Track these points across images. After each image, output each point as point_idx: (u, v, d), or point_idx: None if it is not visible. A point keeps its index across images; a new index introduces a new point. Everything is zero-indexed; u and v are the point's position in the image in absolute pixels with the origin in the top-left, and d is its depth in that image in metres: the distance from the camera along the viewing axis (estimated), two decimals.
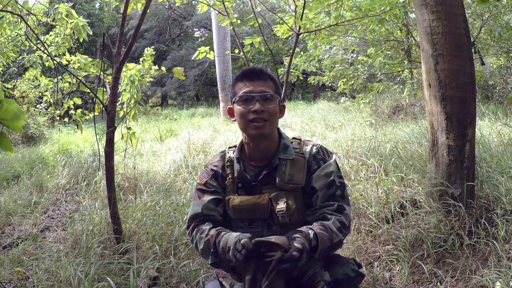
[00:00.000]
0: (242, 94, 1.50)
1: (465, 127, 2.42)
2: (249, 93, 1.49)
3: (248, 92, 1.49)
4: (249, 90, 1.50)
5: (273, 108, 1.50)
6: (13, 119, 1.29)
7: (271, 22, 12.34)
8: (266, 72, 1.56)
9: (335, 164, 1.56)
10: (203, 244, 1.49)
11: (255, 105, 1.47)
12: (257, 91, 1.49)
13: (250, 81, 1.51)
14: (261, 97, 1.48)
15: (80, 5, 17.77)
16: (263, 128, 1.48)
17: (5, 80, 12.07)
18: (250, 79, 1.52)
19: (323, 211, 1.47)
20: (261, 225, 1.52)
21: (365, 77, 8.31)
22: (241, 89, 1.52)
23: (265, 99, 1.49)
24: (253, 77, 1.52)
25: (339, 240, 1.43)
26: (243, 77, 1.54)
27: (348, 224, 1.48)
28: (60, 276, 2.29)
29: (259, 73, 1.53)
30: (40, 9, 6.03)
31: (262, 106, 1.47)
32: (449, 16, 2.41)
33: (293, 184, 1.50)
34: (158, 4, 18.88)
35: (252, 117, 1.47)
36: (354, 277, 1.42)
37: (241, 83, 1.53)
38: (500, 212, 2.32)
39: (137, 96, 3.90)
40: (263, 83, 1.51)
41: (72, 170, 5.09)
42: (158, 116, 12.52)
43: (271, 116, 1.49)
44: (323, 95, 17.46)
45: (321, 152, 1.57)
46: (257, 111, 1.47)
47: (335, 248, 1.46)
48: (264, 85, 1.51)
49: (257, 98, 1.48)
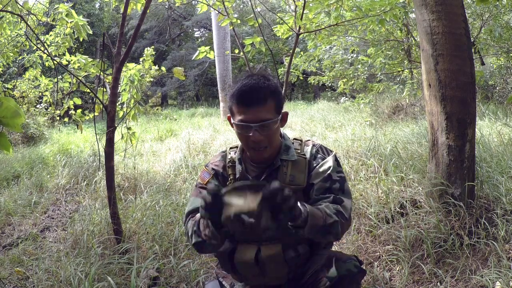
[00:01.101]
0: (239, 123, 1.42)
1: (465, 127, 2.42)
2: (246, 123, 1.41)
3: (245, 121, 1.41)
4: (246, 119, 1.40)
5: (273, 131, 1.45)
6: (12, 117, 1.30)
7: (271, 22, 12.34)
8: (264, 91, 1.41)
9: (334, 160, 1.53)
10: (190, 228, 1.46)
11: (254, 135, 1.41)
12: (253, 120, 1.40)
13: (247, 108, 1.40)
14: (259, 126, 1.40)
15: (80, 5, 17.77)
16: (263, 153, 1.47)
17: (5, 80, 12.08)
18: (247, 106, 1.40)
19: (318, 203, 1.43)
20: None
21: (365, 77, 8.31)
22: (238, 113, 1.43)
23: (264, 127, 1.41)
24: (250, 103, 1.40)
25: (333, 222, 1.34)
26: (239, 100, 1.42)
27: (348, 216, 1.41)
28: (60, 276, 2.29)
29: (256, 97, 1.40)
30: (40, 9, 6.04)
31: (260, 134, 1.41)
32: (449, 16, 2.41)
33: (294, 186, 1.49)
34: (158, 4, 18.87)
35: (251, 145, 1.45)
36: (357, 273, 1.42)
37: (237, 107, 1.43)
38: (500, 212, 2.32)
39: (137, 96, 3.90)
40: (262, 108, 1.40)
41: (72, 170, 5.09)
42: (158, 116, 12.52)
43: (271, 142, 1.46)
44: (323, 95, 17.46)
45: (321, 151, 1.57)
46: (256, 142, 1.42)
47: (330, 233, 1.36)
48: (263, 110, 1.40)
49: (255, 128, 1.40)
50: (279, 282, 1.53)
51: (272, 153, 1.52)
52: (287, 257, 1.47)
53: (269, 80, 1.45)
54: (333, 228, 1.36)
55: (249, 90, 1.41)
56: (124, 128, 3.86)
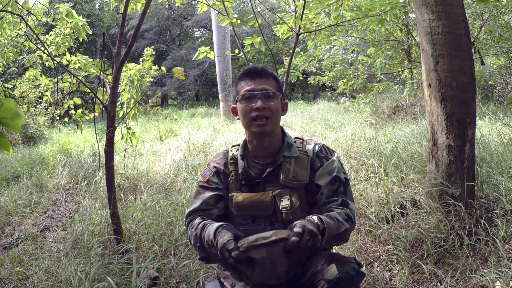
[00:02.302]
0: (244, 92, 1.52)
1: (465, 127, 2.42)
2: (251, 91, 1.51)
3: (250, 90, 1.52)
4: (251, 88, 1.52)
5: (275, 105, 1.52)
6: (12, 118, 1.29)
7: (271, 22, 12.34)
8: (268, 70, 1.58)
9: (338, 161, 1.58)
10: (193, 238, 1.50)
11: (257, 103, 1.49)
12: (258, 89, 1.52)
13: (252, 80, 1.54)
14: (263, 94, 1.51)
15: (80, 5, 17.77)
16: (265, 125, 1.51)
17: (5, 80, 12.07)
18: (252, 78, 1.54)
19: (328, 207, 1.49)
20: (264, 223, 1.52)
21: (365, 77, 8.31)
22: (243, 87, 1.54)
23: (267, 97, 1.51)
24: (255, 76, 1.54)
25: (345, 230, 1.43)
26: (245, 75, 1.56)
27: (354, 218, 1.49)
28: (60, 276, 2.29)
29: (261, 72, 1.56)
30: (40, 9, 6.04)
31: (264, 103, 1.50)
32: (449, 16, 2.41)
33: (297, 181, 1.52)
34: (158, 4, 18.88)
35: (254, 114, 1.50)
36: (355, 275, 1.42)
37: (243, 81, 1.56)
38: (500, 212, 2.32)
39: (137, 96, 3.90)
40: (265, 81, 1.54)
41: (72, 170, 5.09)
42: (158, 116, 12.52)
43: (273, 114, 1.52)
44: (323, 95, 17.46)
45: (324, 151, 1.59)
46: (259, 109, 1.49)
47: (341, 239, 1.46)
48: (266, 83, 1.54)
49: (259, 96, 1.50)
50: (278, 281, 1.53)
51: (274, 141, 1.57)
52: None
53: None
54: (345, 235, 1.45)
55: (254, 68, 1.58)
56: (124, 128, 3.86)
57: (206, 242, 1.41)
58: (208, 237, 1.40)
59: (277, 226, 1.51)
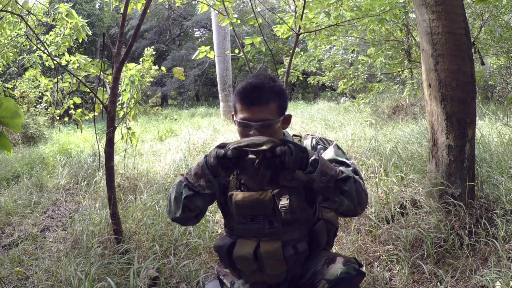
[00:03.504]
0: (240, 121, 1.44)
1: (465, 127, 2.42)
2: (247, 121, 1.43)
3: (246, 119, 1.43)
4: (247, 118, 1.43)
5: (273, 132, 1.45)
6: (12, 117, 1.30)
7: (271, 22, 12.35)
8: (267, 93, 1.43)
9: (337, 148, 1.53)
10: (175, 189, 1.46)
11: (254, 134, 1.42)
12: (254, 119, 1.42)
13: (249, 107, 1.43)
14: (260, 125, 1.42)
15: (80, 5, 17.76)
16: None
17: (5, 80, 12.07)
18: (249, 104, 1.43)
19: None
20: (263, 222, 1.51)
21: (365, 77, 8.31)
22: (241, 111, 1.45)
23: (264, 126, 1.43)
24: (253, 102, 1.42)
25: (346, 176, 1.35)
26: (243, 98, 1.45)
27: (365, 188, 1.41)
28: (60, 276, 2.29)
29: (259, 97, 1.42)
30: (40, 9, 6.03)
31: (261, 134, 1.41)
32: (449, 16, 2.41)
33: (296, 181, 1.49)
34: (158, 4, 18.87)
35: None
36: (355, 275, 1.42)
37: (240, 104, 1.45)
38: (500, 212, 2.32)
39: (137, 96, 3.89)
40: (264, 108, 1.42)
41: (72, 170, 5.09)
42: (158, 116, 12.52)
43: None
44: (323, 95, 17.47)
45: (321, 142, 1.57)
46: None
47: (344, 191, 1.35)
48: (265, 111, 1.42)
49: (255, 127, 1.42)
50: (277, 280, 1.53)
51: None
52: (286, 254, 1.47)
53: (274, 81, 1.47)
54: (347, 184, 1.35)
55: (252, 90, 1.43)
56: (124, 128, 3.85)
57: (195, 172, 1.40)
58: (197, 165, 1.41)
59: (276, 225, 1.51)
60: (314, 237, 1.55)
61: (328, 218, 1.66)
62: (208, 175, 1.38)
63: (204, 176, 1.39)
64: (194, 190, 1.41)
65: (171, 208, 1.50)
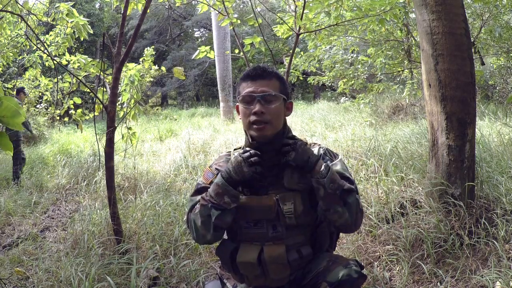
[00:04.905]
0: (244, 94, 1.47)
1: (465, 127, 2.42)
2: (250, 94, 1.46)
3: (249, 92, 1.46)
4: (250, 91, 1.46)
5: (275, 108, 1.46)
6: (12, 116, 1.30)
7: (271, 22, 12.35)
8: (270, 70, 1.51)
9: (342, 163, 1.56)
10: (199, 214, 1.47)
11: (256, 107, 1.44)
12: (258, 91, 1.46)
13: (253, 81, 1.48)
14: (262, 97, 1.44)
15: (80, 5, 17.77)
16: (264, 130, 1.45)
17: (5, 80, 12.07)
18: (252, 79, 1.49)
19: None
20: (266, 226, 1.50)
21: (365, 77, 8.31)
22: (244, 88, 1.49)
23: (267, 100, 1.45)
24: (256, 77, 1.48)
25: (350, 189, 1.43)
26: (246, 77, 1.51)
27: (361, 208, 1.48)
28: (60, 276, 2.29)
29: (262, 72, 1.49)
30: (40, 9, 6.03)
31: (262, 107, 1.44)
32: (449, 16, 2.41)
33: (302, 184, 1.48)
34: (158, 4, 18.87)
35: (253, 119, 1.44)
36: (357, 278, 1.41)
37: (244, 83, 1.51)
38: (500, 212, 2.32)
39: (137, 96, 3.89)
40: (267, 82, 1.48)
41: (72, 170, 5.09)
42: (158, 116, 12.54)
43: (272, 118, 1.45)
44: (323, 95, 17.48)
45: (328, 154, 1.58)
46: (257, 113, 1.43)
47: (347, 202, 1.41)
48: (268, 85, 1.47)
49: (258, 99, 1.44)
50: (280, 284, 1.52)
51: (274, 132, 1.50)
52: (290, 258, 1.47)
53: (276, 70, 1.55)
54: (350, 197, 1.42)
55: (256, 68, 1.51)
56: (124, 128, 3.86)
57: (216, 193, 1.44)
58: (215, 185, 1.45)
59: (280, 230, 1.50)
60: (317, 239, 1.55)
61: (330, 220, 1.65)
62: (231, 191, 1.42)
63: (227, 192, 1.42)
64: (221, 209, 1.42)
65: (198, 233, 1.50)
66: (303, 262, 1.50)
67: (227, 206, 1.42)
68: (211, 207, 1.43)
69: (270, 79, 1.49)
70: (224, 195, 1.42)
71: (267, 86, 1.47)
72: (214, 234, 1.48)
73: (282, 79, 1.53)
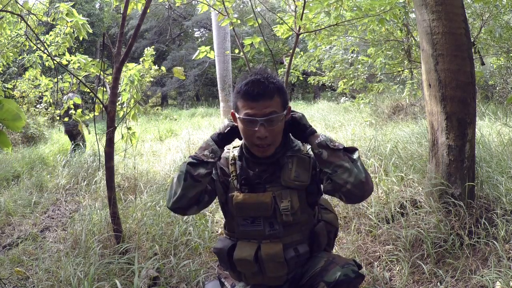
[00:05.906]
0: (245, 117, 1.41)
1: (465, 127, 2.42)
2: (252, 117, 1.40)
3: (251, 115, 1.40)
4: (252, 113, 1.40)
5: (278, 127, 1.44)
6: (13, 119, 1.30)
7: (271, 22, 12.35)
8: (271, 86, 1.41)
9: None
10: (178, 170, 1.53)
11: (259, 130, 1.40)
12: (261, 114, 1.40)
13: (254, 101, 1.40)
14: (266, 120, 1.40)
15: (80, 5, 17.77)
16: (267, 151, 1.47)
17: (5, 80, 12.07)
18: (253, 99, 1.40)
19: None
20: (263, 224, 1.51)
21: (365, 77, 8.31)
22: (244, 108, 1.42)
23: (270, 121, 1.41)
24: (257, 97, 1.40)
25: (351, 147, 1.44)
26: (246, 94, 1.41)
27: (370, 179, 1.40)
28: (60, 276, 2.29)
29: (263, 92, 1.40)
30: (40, 9, 6.03)
31: (266, 130, 1.40)
32: (449, 16, 2.41)
33: (299, 182, 1.48)
34: (158, 4, 18.87)
35: (256, 142, 1.43)
36: (354, 278, 1.42)
37: (244, 101, 1.42)
38: (500, 212, 2.32)
39: (137, 96, 3.89)
40: (269, 103, 1.40)
41: (72, 170, 5.09)
42: (158, 116, 12.54)
43: (275, 137, 1.45)
44: (323, 95, 17.48)
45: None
46: (261, 137, 1.41)
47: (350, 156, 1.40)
48: (270, 105, 1.40)
49: (261, 122, 1.40)
50: (278, 283, 1.52)
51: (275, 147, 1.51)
52: (287, 256, 1.47)
53: (274, 78, 1.47)
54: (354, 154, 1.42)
55: (257, 84, 1.41)
56: (124, 128, 3.85)
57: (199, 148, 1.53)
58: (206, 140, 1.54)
59: (276, 228, 1.50)
60: (314, 238, 1.55)
61: (328, 219, 1.66)
62: (213, 146, 1.50)
63: (209, 147, 1.50)
64: (198, 160, 1.48)
65: (171, 191, 1.48)
66: (300, 261, 1.50)
67: (205, 158, 1.47)
68: (189, 157, 1.50)
69: (271, 97, 1.41)
70: (206, 149, 1.50)
71: (269, 106, 1.40)
72: (185, 188, 1.44)
73: (281, 90, 1.45)
